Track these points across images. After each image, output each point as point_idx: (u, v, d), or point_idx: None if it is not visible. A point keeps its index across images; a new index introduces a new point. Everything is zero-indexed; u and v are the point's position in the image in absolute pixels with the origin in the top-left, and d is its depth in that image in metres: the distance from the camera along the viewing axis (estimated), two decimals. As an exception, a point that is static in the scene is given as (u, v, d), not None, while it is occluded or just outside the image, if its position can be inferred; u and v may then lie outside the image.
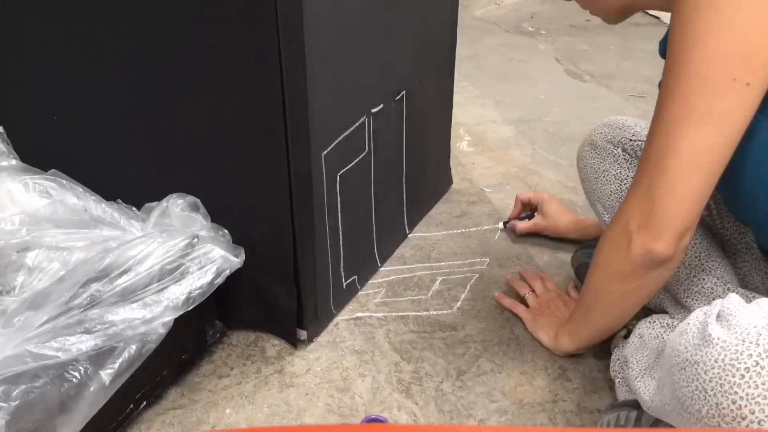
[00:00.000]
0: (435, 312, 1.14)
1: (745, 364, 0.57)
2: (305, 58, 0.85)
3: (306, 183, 0.95)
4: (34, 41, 1.00)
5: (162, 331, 0.83)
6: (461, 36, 1.36)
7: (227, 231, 0.97)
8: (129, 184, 1.04)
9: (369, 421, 0.91)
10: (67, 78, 1.00)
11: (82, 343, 0.77)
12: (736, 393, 0.57)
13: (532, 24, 2.72)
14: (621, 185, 0.98)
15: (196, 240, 0.90)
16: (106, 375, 0.78)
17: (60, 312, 0.79)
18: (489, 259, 1.27)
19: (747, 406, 0.57)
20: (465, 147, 1.71)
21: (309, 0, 0.82)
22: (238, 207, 0.99)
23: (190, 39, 0.88)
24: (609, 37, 2.51)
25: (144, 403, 0.93)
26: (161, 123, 0.96)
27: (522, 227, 1.31)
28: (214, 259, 0.90)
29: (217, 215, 0.98)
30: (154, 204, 0.97)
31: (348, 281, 1.14)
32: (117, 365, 0.79)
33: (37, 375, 0.74)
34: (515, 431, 0.79)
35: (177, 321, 0.85)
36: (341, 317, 1.12)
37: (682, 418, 0.64)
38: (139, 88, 0.95)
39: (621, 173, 0.99)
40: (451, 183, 1.52)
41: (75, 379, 0.76)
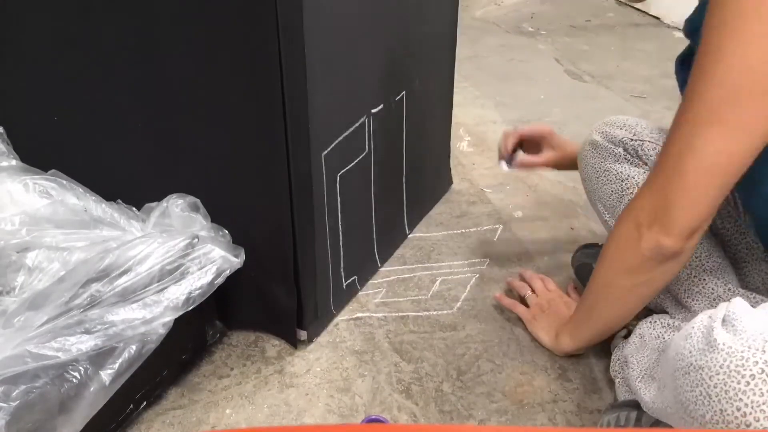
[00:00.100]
0: (435, 312, 1.14)
1: (751, 371, 0.57)
2: (305, 58, 0.85)
3: (306, 183, 0.95)
4: (34, 41, 1.00)
5: (162, 332, 0.83)
6: (461, 36, 1.36)
7: (227, 231, 0.97)
8: (129, 184, 1.04)
9: (369, 422, 0.91)
10: (67, 78, 1.00)
11: (82, 344, 0.77)
12: (740, 400, 0.57)
13: (532, 24, 2.71)
14: (622, 184, 0.98)
15: (196, 240, 0.90)
16: (106, 375, 0.78)
17: (60, 312, 0.79)
18: (489, 260, 1.27)
19: (752, 413, 0.56)
20: (465, 147, 1.71)
21: (309, 0, 0.82)
22: (238, 207, 0.99)
23: (190, 39, 0.88)
24: (609, 38, 2.50)
25: (144, 404, 0.93)
26: (161, 123, 0.97)
27: (534, 160, 1.16)
28: (214, 260, 0.90)
29: (217, 215, 0.98)
30: (154, 204, 0.97)
31: (348, 281, 1.14)
32: (117, 365, 0.79)
33: (37, 375, 0.74)
34: (515, 431, 0.79)
35: (177, 321, 0.85)
36: (341, 317, 1.12)
37: (684, 421, 0.64)
38: (139, 88, 0.95)
39: (622, 172, 0.98)
40: (451, 183, 1.52)
41: (75, 380, 0.76)
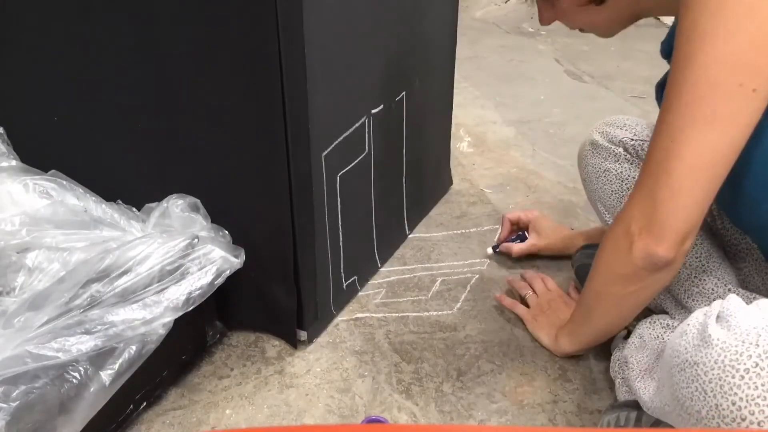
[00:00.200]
0: (435, 313, 1.14)
1: (745, 365, 0.57)
2: (305, 58, 0.85)
3: (306, 183, 0.95)
4: (34, 41, 1.00)
5: (162, 332, 0.83)
6: (461, 37, 1.36)
7: (227, 232, 0.97)
8: (129, 184, 1.04)
9: (369, 422, 0.91)
10: (67, 78, 1.00)
11: (82, 344, 0.77)
12: (735, 394, 0.57)
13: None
14: (622, 185, 0.98)
15: (196, 241, 0.90)
16: (106, 375, 0.78)
17: (60, 313, 0.79)
18: (489, 260, 1.27)
19: (747, 407, 0.57)
20: (465, 148, 1.71)
21: (309, 1, 0.82)
22: (238, 208, 0.99)
23: (190, 39, 0.88)
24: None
25: (144, 404, 0.93)
26: (161, 123, 0.97)
27: (518, 249, 1.23)
28: (214, 260, 0.90)
29: (217, 216, 0.98)
30: (154, 205, 0.97)
31: (348, 282, 1.14)
32: (117, 366, 0.79)
33: (37, 376, 0.74)
34: (516, 431, 0.78)
35: (177, 322, 0.85)
36: (341, 318, 1.12)
37: (681, 419, 0.64)
38: (139, 88, 0.95)
39: (622, 173, 0.99)
40: (451, 184, 1.52)
41: (75, 380, 0.76)
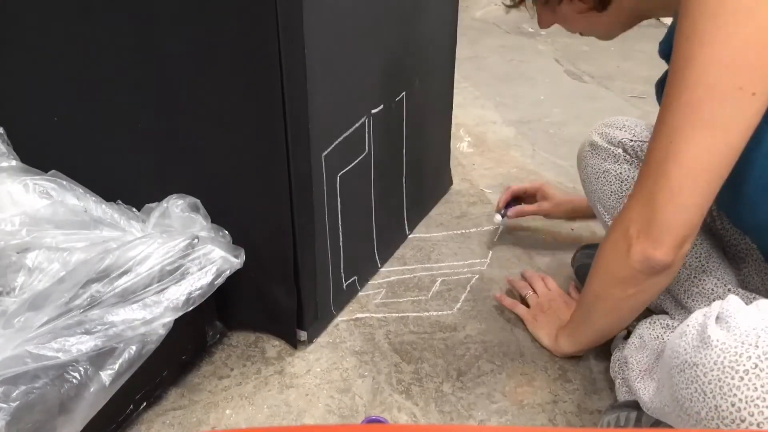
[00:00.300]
0: (435, 313, 1.14)
1: (744, 366, 0.57)
2: (305, 58, 0.85)
3: (306, 183, 0.95)
4: (34, 41, 1.00)
5: (162, 332, 0.83)
6: (461, 37, 1.36)
7: (227, 232, 0.97)
8: (129, 184, 1.04)
9: (369, 422, 0.91)
10: (67, 78, 1.00)
11: (82, 344, 0.77)
12: (735, 395, 0.57)
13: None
14: (622, 185, 0.98)
15: (196, 241, 0.90)
16: (106, 376, 0.78)
17: (60, 313, 0.79)
18: (489, 260, 1.27)
19: (746, 408, 0.57)
20: (465, 148, 1.71)
21: (309, 1, 0.82)
22: (238, 208, 0.99)
23: (190, 39, 0.88)
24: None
25: (144, 404, 0.92)
26: (161, 123, 0.96)
27: (530, 210, 1.25)
28: (214, 260, 0.90)
29: (217, 216, 0.98)
30: (154, 205, 0.97)
31: (348, 282, 1.14)
32: (117, 366, 0.79)
33: (37, 376, 0.74)
34: (516, 431, 0.79)
35: (177, 322, 0.85)
36: (341, 318, 1.12)
37: (681, 419, 0.64)
38: (139, 88, 0.95)
39: (622, 173, 0.99)
40: (451, 184, 1.52)
41: (75, 380, 0.76)
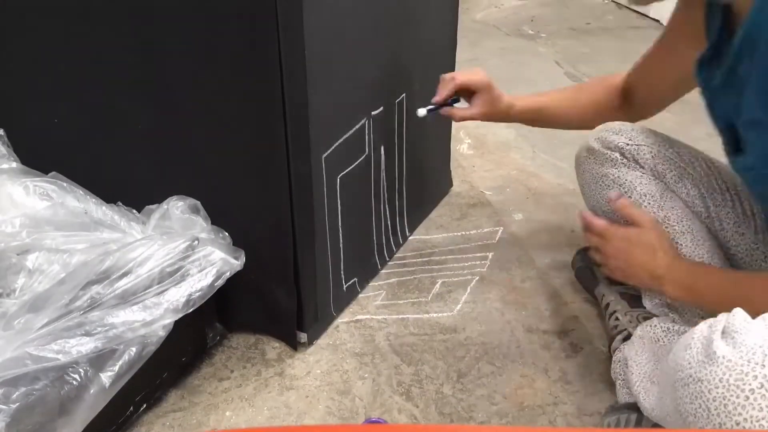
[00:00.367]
0: (435, 314, 1.14)
1: (750, 385, 0.56)
2: (305, 59, 0.85)
3: (306, 185, 0.95)
4: (34, 43, 1.00)
5: (162, 334, 0.83)
6: (461, 39, 1.36)
7: (227, 233, 0.97)
8: (129, 186, 1.04)
9: (369, 424, 0.91)
10: (68, 80, 1.00)
11: (82, 346, 0.77)
12: (740, 414, 0.56)
13: (532, 27, 2.71)
14: (620, 189, 0.98)
15: (196, 242, 0.90)
16: (106, 377, 0.78)
17: (60, 314, 0.79)
18: (489, 262, 1.27)
19: (751, 428, 0.56)
20: (465, 150, 1.71)
21: (309, 1, 0.82)
22: (238, 209, 0.99)
23: (190, 40, 0.88)
24: (609, 41, 2.50)
25: (144, 406, 0.92)
26: (162, 125, 0.97)
27: (464, 114, 1.08)
28: (214, 262, 0.90)
29: (218, 217, 0.98)
30: (154, 206, 0.97)
31: (348, 283, 1.14)
32: (117, 368, 0.79)
33: (37, 377, 0.74)
34: (516, 431, 0.79)
35: (177, 323, 0.85)
36: (341, 320, 1.12)
37: None
38: (140, 89, 0.95)
39: (619, 177, 0.98)
40: (451, 185, 1.52)
41: (75, 382, 0.76)
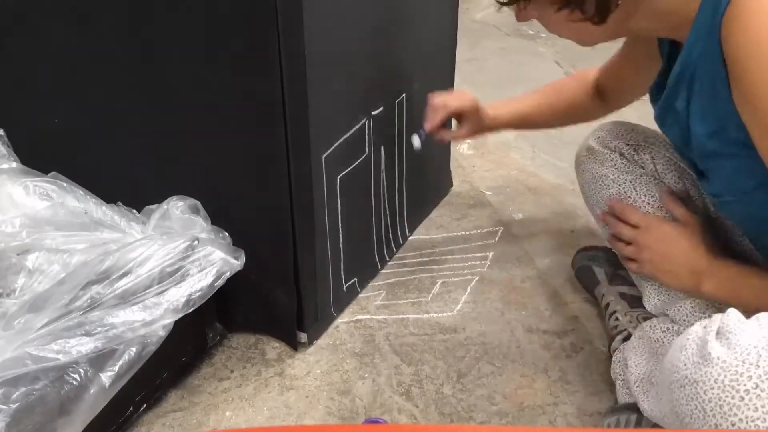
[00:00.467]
0: (435, 314, 1.14)
1: (745, 386, 0.56)
2: (305, 59, 0.85)
3: (306, 185, 0.95)
4: (34, 43, 1.00)
5: (162, 334, 0.83)
6: (461, 39, 1.36)
7: (227, 233, 0.97)
8: (129, 186, 1.04)
9: (369, 424, 0.91)
10: (68, 80, 1.00)
11: (82, 346, 0.77)
12: (735, 415, 0.57)
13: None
14: (620, 189, 0.98)
15: (196, 242, 0.90)
16: (106, 377, 0.78)
17: (60, 314, 0.79)
18: (489, 262, 1.27)
19: (747, 429, 0.56)
20: (465, 150, 1.71)
21: (309, 1, 0.82)
22: (238, 209, 0.99)
23: (190, 39, 0.88)
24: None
25: (144, 406, 0.92)
26: (161, 125, 0.97)
27: (456, 135, 1.15)
28: (214, 262, 0.90)
29: (218, 217, 0.98)
30: (154, 206, 0.97)
31: (348, 284, 1.14)
32: (117, 368, 0.79)
33: (37, 377, 0.74)
34: (516, 431, 0.79)
35: (177, 323, 0.85)
36: (341, 320, 1.12)
37: None
38: (139, 89, 0.95)
39: (619, 177, 0.98)
40: (452, 185, 1.52)
41: (75, 382, 0.76)
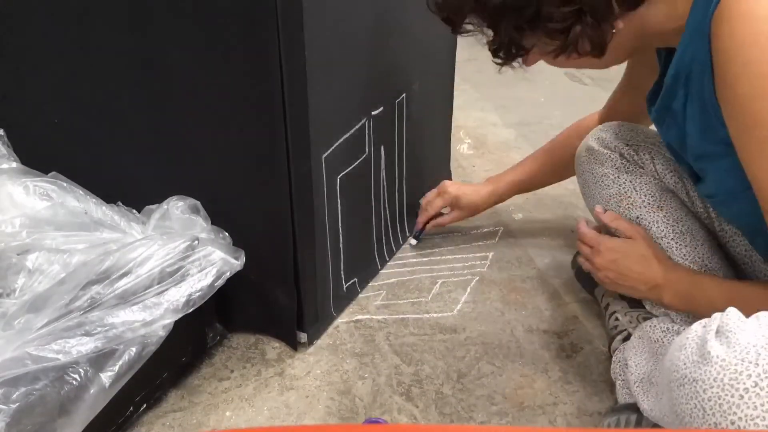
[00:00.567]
0: (435, 314, 1.14)
1: (744, 384, 0.56)
2: (305, 59, 0.85)
3: (306, 185, 0.95)
4: (34, 44, 1.00)
5: (162, 334, 0.83)
6: (461, 39, 1.35)
7: (227, 233, 0.97)
8: (129, 186, 1.04)
9: (369, 424, 0.91)
10: (68, 80, 1.00)
11: (82, 346, 0.77)
12: (734, 414, 0.57)
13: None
14: (620, 189, 0.98)
15: (196, 242, 0.90)
16: (106, 377, 0.78)
17: (60, 314, 0.79)
18: (489, 262, 1.27)
19: (746, 427, 0.56)
20: (465, 150, 1.71)
21: (309, 1, 0.82)
22: (238, 209, 0.99)
23: (190, 40, 0.88)
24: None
25: (144, 406, 0.92)
26: (161, 125, 0.97)
27: (452, 219, 1.31)
28: (214, 262, 0.90)
29: (218, 217, 0.98)
30: (154, 206, 0.97)
31: (348, 284, 1.14)
32: (117, 368, 0.79)
33: (37, 377, 0.74)
34: (516, 431, 0.79)
35: (177, 323, 0.85)
36: (341, 320, 1.12)
37: None
38: (139, 89, 0.95)
39: (619, 177, 0.98)
40: (452, 186, 1.52)
41: (75, 382, 0.76)
